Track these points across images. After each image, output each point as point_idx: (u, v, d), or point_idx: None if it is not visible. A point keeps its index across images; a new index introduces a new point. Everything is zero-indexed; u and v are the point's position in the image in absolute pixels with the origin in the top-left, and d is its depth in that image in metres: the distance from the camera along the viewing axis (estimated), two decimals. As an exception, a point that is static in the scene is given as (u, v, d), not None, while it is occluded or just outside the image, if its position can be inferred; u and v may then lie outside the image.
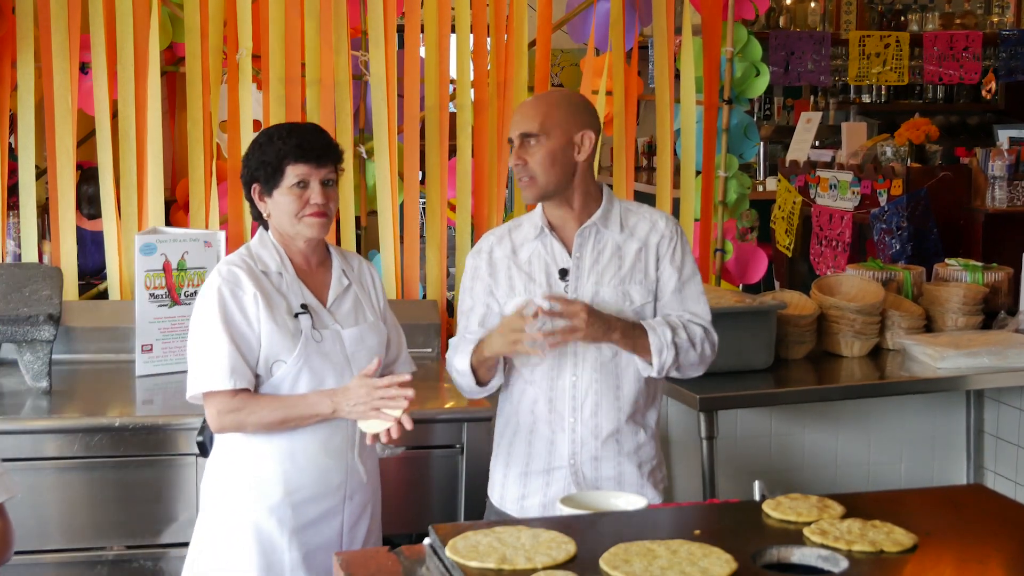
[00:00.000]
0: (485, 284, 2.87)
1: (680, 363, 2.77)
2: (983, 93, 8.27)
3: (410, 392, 2.58)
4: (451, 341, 2.91)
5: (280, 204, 2.67)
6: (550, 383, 2.81)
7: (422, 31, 4.15)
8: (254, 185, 2.69)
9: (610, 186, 3.26)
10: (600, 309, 2.76)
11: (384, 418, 2.58)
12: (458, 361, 2.80)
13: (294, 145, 2.64)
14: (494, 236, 2.91)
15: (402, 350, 2.91)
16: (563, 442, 2.81)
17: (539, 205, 2.86)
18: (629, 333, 2.71)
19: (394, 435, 2.59)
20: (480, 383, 2.81)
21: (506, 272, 2.84)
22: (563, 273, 2.79)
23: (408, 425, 2.58)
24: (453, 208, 4.24)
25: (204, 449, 2.85)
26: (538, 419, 2.83)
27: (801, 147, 6.90)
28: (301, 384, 2.65)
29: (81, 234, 4.13)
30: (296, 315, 2.66)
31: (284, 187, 2.65)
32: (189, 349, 2.68)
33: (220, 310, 2.61)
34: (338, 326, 2.72)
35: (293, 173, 2.64)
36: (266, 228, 2.76)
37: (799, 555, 2.02)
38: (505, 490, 2.90)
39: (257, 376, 2.65)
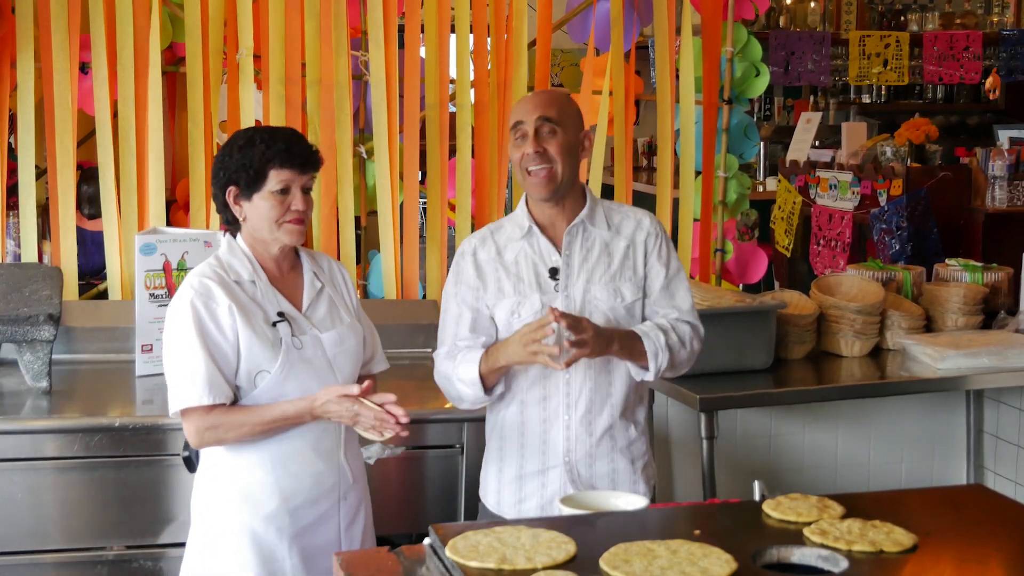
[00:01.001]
0: (471, 287, 2.83)
1: (674, 363, 2.79)
2: (988, 95, 8.24)
3: (403, 417, 2.55)
4: (437, 353, 2.87)
5: (260, 209, 2.62)
6: (543, 382, 2.80)
7: (422, 31, 4.15)
8: (231, 188, 2.63)
9: (609, 186, 3.27)
10: (592, 307, 2.77)
11: (374, 433, 2.58)
12: (463, 370, 2.75)
13: (280, 150, 2.59)
14: (476, 239, 2.89)
15: (377, 348, 2.88)
16: (558, 441, 2.81)
17: (521, 204, 2.84)
18: (626, 343, 2.72)
19: (394, 441, 2.59)
20: (487, 389, 2.77)
21: (494, 274, 2.82)
22: (553, 272, 2.79)
23: (403, 433, 2.57)
24: (453, 208, 4.24)
25: (191, 464, 2.80)
26: (528, 419, 2.82)
27: (801, 147, 6.90)
28: (287, 393, 2.61)
29: (81, 234, 4.13)
30: (274, 324, 2.63)
31: (265, 192, 2.60)
32: (166, 366, 2.63)
33: (195, 324, 2.57)
34: (316, 330, 2.69)
35: (276, 178, 2.60)
36: (233, 234, 2.71)
37: (799, 555, 2.02)
38: (501, 495, 2.88)
39: (238, 388, 2.61)
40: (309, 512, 2.68)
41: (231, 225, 2.71)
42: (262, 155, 2.59)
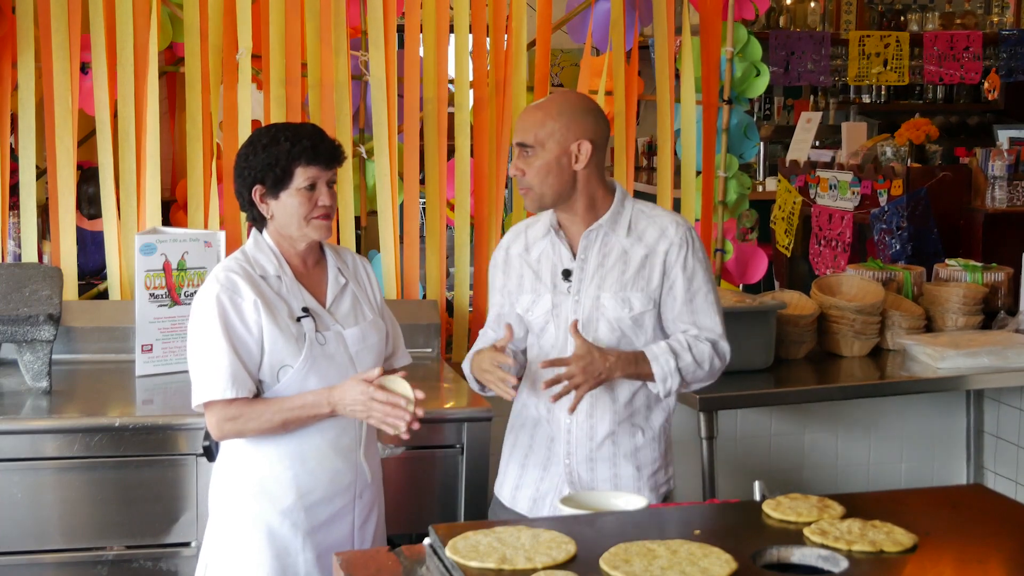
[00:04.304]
0: (500, 281, 2.93)
1: (687, 383, 2.79)
2: (986, 95, 8.24)
3: (419, 411, 2.58)
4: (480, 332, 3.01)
5: (288, 206, 2.64)
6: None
7: (422, 31, 4.15)
8: (257, 187, 2.65)
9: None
10: (599, 314, 2.77)
11: (386, 428, 2.59)
12: (464, 363, 2.89)
13: (307, 147, 2.61)
14: (513, 232, 2.96)
15: (399, 343, 2.91)
16: (559, 442, 2.84)
17: None
18: (630, 367, 2.73)
19: (394, 442, 2.61)
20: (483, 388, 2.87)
21: (518, 269, 2.88)
22: (566, 274, 2.80)
23: (415, 426, 2.60)
24: (453, 208, 4.24)
25: (210, 454, 2.82)
26: (540, 418, 2.87)
27: (801, 147, 6.90)
28: (309, 388, 2.62)
29: (81, 234, 4.12)
30: (298, 319, 2.65)
31: (292, 189, 2.62)
32: (190, 358, 2.66)
33: (220, 318, 2.59)
34: (339, 326, 2.71)
35: (303, 175, 2.62)
36: (259, 230, 2.73)
37: (799, 555, 2.02)
38: (504, 477, 2.96)
39: (260, 382, 2.63)
40: (325, 509, 2.69)
41: (256, 222, 2.72)
42: (288, 153, 2.61)
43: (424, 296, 4.22)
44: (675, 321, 2.80)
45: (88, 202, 4.49)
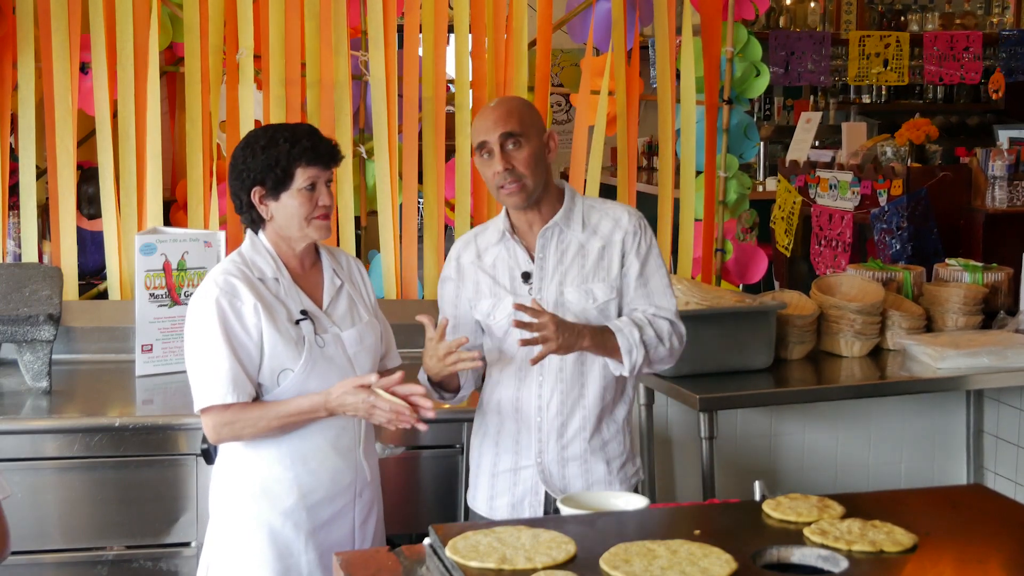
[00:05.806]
0: (452, 291, 2.89)
1: (651, 359, 2.77)
2: (990, 94, 8.22)
3: (428, 412, 2.57)
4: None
5: (288, 207, 2.63)
6: (517, 384, 2.83)
7: (421, 31, 4.15)
8: (256, 188, 2.64)
9: (614, 184, 3.26)
10: (564, 309, 2.78)
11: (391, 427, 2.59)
12: (421, 372, 2.81)
13: (306, 147, 2.61)
14: (461, 242, 2.93)
15: (391, 344, 2.91)
16: (530, 442, 2.83)
17: (503, 208, 2.86)
18: (598, 338, 2.71)
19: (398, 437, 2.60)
20: (448, 391, 2.84)
21: (473, 276, 2.86)
22: (526, 276, 2.80)
23: (422, 428, 2.59)
24: (453, 208, 4.24)
25: (208, 456, 2.82)
26: (505, 419, 2.85)
27: (801, 147, 6.90)
28: (309, 391, 2.62)
29: (81, 234, 4.12)
30: (297, 322, 2.65)
31: (293, 190, 2.62)
32: (188, 363, 2.64)
33: (220, 322, 2.58)
34: (337, 328, 2.70)
35: (304, 176, 2.61)
36: (255, 232, 2.72)
37: (799, 555, 2.02)
38: (476, 490, 2.93)
39: (260, 386, 2.63)
40: (326, 508, 2.69)
41: (253, 224, 2.71)
42: (288, 154, 2.61)
43: (423, 296, 4.22)
44: (632, 303, 2.81)
45: (88, 202, 4.49)
